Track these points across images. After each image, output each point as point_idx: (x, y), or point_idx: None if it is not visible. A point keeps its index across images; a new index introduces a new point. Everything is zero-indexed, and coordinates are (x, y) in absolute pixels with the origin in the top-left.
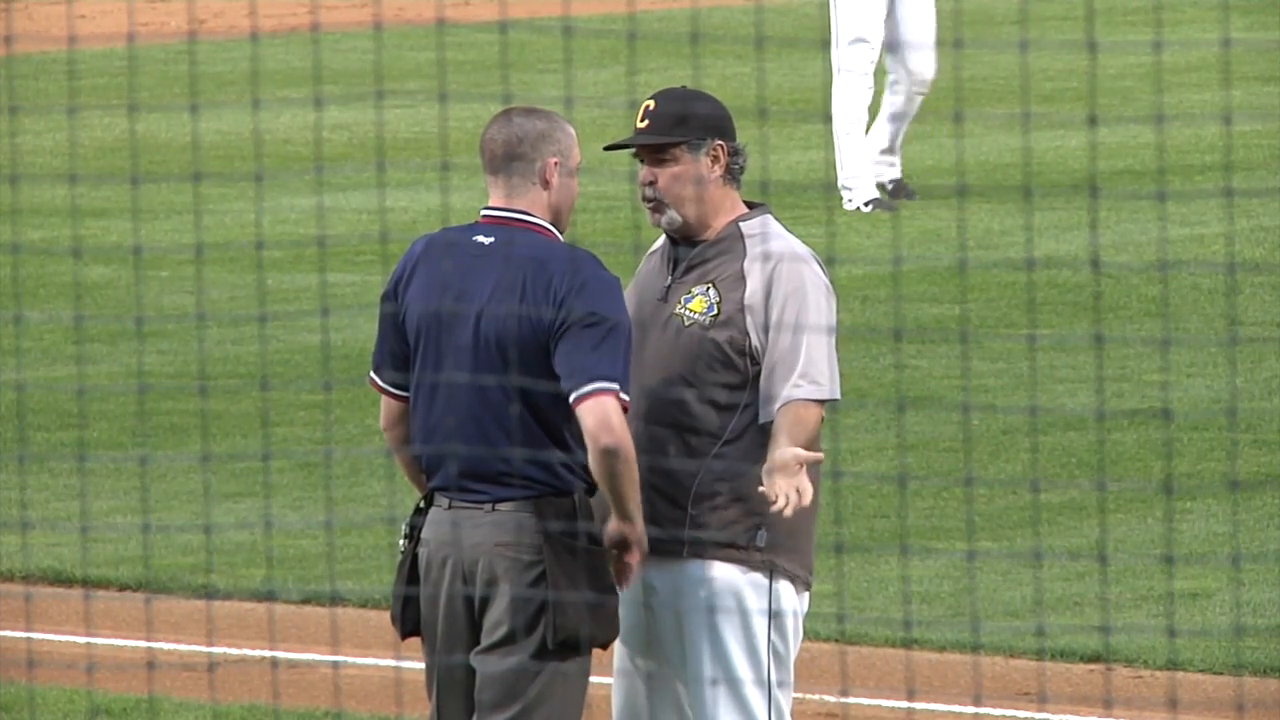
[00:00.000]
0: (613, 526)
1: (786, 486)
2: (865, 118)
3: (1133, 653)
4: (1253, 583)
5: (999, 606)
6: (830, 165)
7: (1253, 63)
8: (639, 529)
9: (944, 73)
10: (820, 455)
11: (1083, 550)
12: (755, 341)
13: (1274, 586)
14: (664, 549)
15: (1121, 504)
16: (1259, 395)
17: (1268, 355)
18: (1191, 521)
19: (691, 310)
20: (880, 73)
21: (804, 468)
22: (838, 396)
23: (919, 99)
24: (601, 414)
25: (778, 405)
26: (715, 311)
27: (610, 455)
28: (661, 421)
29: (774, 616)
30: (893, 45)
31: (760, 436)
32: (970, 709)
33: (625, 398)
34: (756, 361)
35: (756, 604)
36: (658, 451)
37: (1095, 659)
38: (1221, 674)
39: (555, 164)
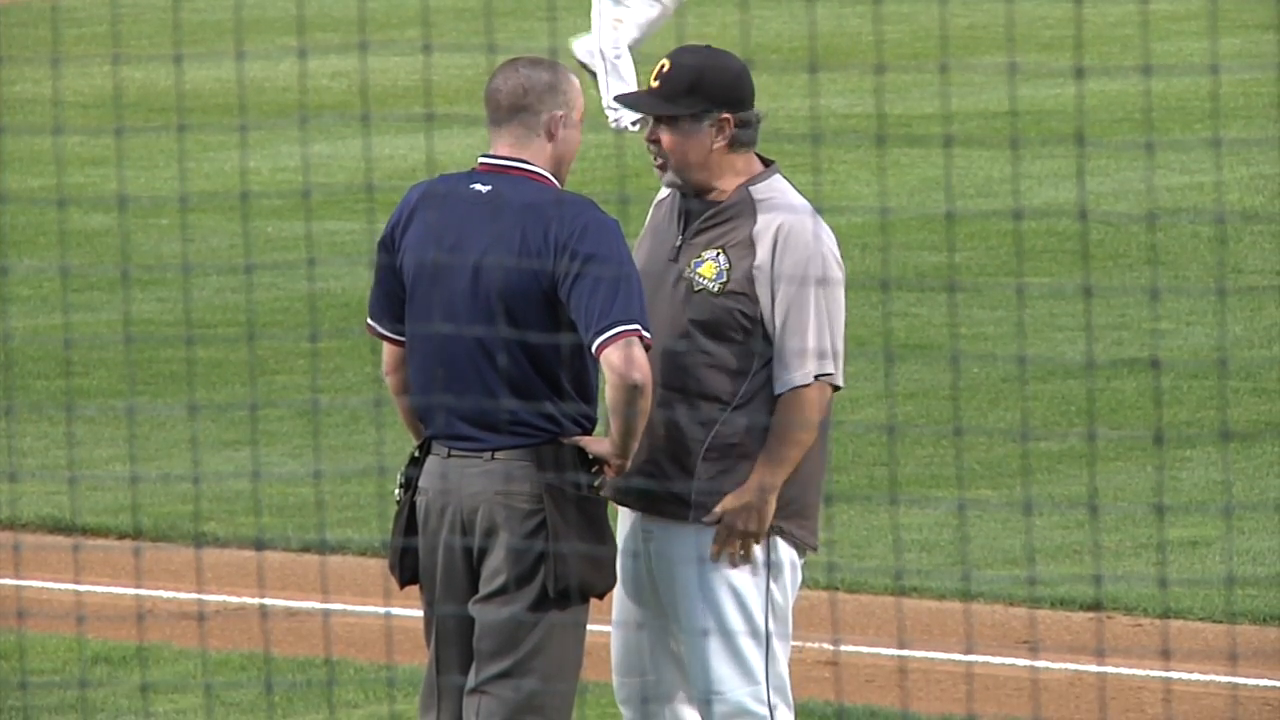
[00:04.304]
0: (602, 449)
1: (732, 533)
2: (625, 41)
3: (1131, 601)
4: (1252, 531)
5: (998, 555)
6: (826, 113)
7: (1252, 10)
8: (626, 465)
9: (937, 20)
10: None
11: (1081, 499)
12: (765, 309)
13: (1273, 535)
14: (669, 511)
15: (1121, 452)
16: (1259, 343)
17: (1268, 303)
18: (1191, 469)
19: (701, 275)
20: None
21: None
22: (839, 381)
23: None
24: (628, 352)
25: (779, 391)
26: (725, 279)
27: (636, 391)
28: (670, 384)
29: (772, 568)
30: None
31: (771, 402)
32: (967, 657)
33: (648, 335)
34: (767, 329)
35: (756, 558)
36: (666, 413)
37: (1094, 607)
38: (1221, 622)
39: (561, 116)
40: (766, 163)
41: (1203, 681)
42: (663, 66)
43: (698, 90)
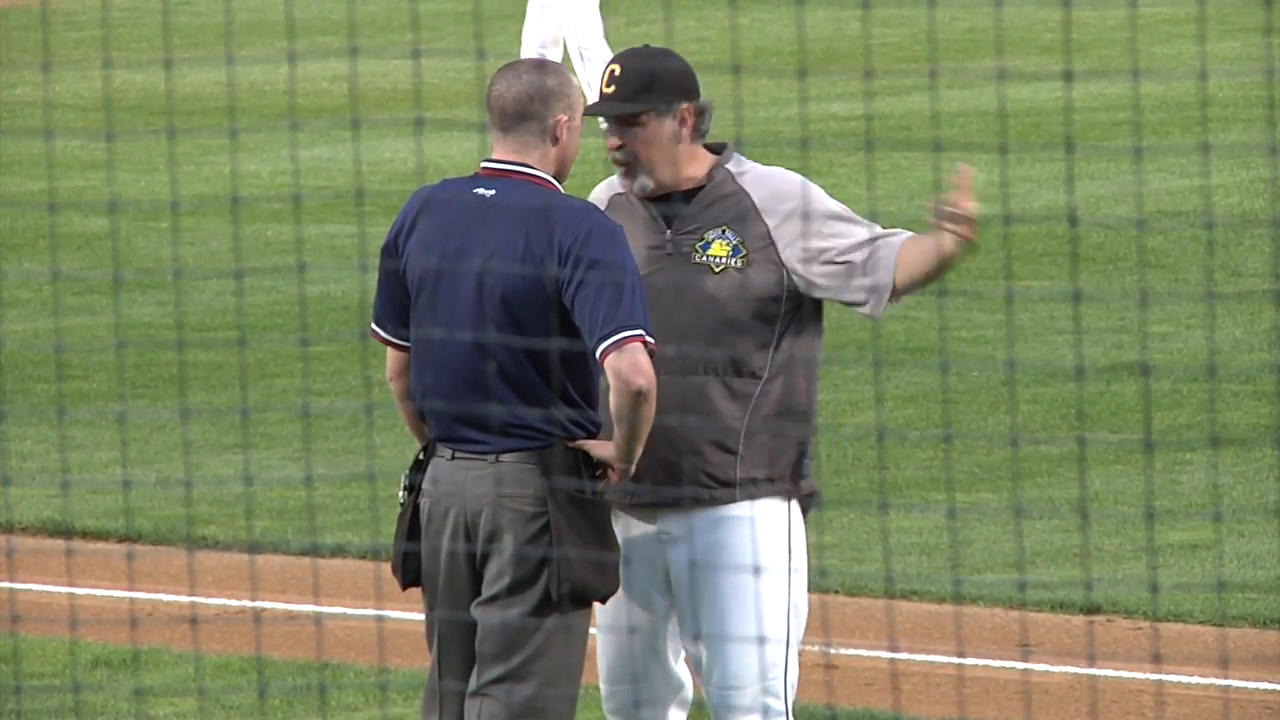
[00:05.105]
0: (606, 452)
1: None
2: (601, 39)
3: (1131, 604)
4: (1251, 534)
5: (998, 558)
6: (810, 118)
7: (1252, 13)
8: (630, 470)
9: (935, 23)
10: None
11: (1081, 502)
12: (795, 268)
13: (1272, 538)
14: (716, 497)
15: (1121, 455)
16: (1259, 347)
17: (1267, 307)
18: (1191, 473)
19: (715, 255)
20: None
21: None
22: (895, 302)
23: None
24: (632, 359)
25: (900, 244)
26: (742, 252)
27: (641, 398)
28: (700, 370)
29: (794, 570)
30: None
31: (799, 365)
32: (966, 660)
33: (652, 340)
34: (794, 294)
35: (785, 543)
36: (701, 400)
37: (1093, 610)
38: (1221, 625)
39: (565, 121)
40: (717, 148)
41: (1201, 685)
42: (612, 71)
43: (655, 86)
